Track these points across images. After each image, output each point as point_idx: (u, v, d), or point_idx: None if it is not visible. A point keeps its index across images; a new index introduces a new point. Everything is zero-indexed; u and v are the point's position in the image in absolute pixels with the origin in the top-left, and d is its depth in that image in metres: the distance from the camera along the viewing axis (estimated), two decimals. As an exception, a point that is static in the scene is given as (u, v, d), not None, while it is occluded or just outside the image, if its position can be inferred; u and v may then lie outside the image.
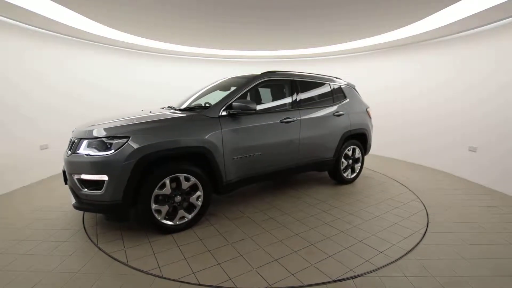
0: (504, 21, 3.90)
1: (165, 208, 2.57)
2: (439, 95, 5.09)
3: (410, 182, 4.31)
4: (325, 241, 2.54)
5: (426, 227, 2.83)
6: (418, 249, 2.43)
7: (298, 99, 3.54)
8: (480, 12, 3.60)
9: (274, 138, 3.24)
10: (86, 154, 2.43)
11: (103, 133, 2.46)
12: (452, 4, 3.44)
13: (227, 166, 2.88)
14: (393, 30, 4.77)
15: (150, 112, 3.05)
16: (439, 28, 4.40)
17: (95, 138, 2.47)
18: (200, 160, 2.75)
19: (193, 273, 2.08)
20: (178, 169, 2.58)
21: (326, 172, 4.34)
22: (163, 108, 3.45)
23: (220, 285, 1.95)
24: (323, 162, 3.84)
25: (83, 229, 2.75)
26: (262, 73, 3.37)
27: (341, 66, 6.78)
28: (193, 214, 2.74)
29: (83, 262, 2.19)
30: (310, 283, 1.97)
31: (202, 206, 2.78)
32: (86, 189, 2.45)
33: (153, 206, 2.51)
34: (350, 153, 4.12)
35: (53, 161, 4.63)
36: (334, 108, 3.89)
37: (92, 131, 2.54)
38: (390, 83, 6.05)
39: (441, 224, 2.90)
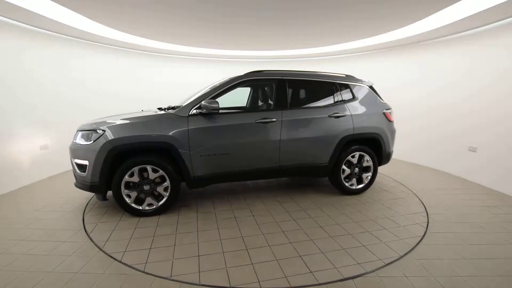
0: (503, 21, 3.90)
1: (133, 194, 2.95)
2: (439, 95, 5.09)
3: (410, 182, 4.30)
4: (263, 249, 2.41)
5: (426, 227, 2.83)
6: (418, 249, 2.43)
7: (284, 99, 3.38)
8: (479, 12, 3.60)
9: (247, 138, 3.21)
10: (78, 143, 2.98)
11: (88, 127, 3.00)
12: (452, 4, 3.44)
13: (194, 162, 3.05)
14: (392, 30, 4.77)
15: (142, 110, 3.47)
16: (439, 28, 4.39)
17: (84, 130, 3.00)
18: (167, 154, 3.01)
19: (124, 251, 2.36)
20: (146, 161, 2.92)
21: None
22: (159, 108, 3.52)
23: (217, 284, 1.95)
24: (315, 167, 3.52)
25: (83, 229, 2.75)
26: (245, 73, 3.39)
27: (342, 66, 6.78)
28: (161, 202, 3.04)
29: (83, 262, 2.20)
30: (219, 284, 1.97)
31: (170, 196, 3.04)
32: (78, 171, 2.97)
33: (124, 190, 2.90)
34: (355, 160, 3.63)
35: (53, 161, 4.64)
36: (331, 109, 3.52)
37: (84, 125, 3.12)
38: (390, 83, 6.04)
39: (441, 224, 2.90)
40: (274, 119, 3.26)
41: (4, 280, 1.97)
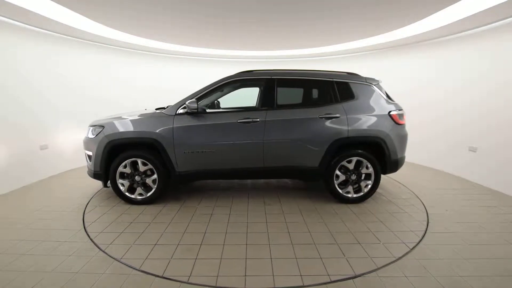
0: (503, 21, 3.89)
1: (126, 183, 3.30)
2: (438, 95, 5.09)
3: (410, 182, 4.30)
4: (215, 246, 2.45)
5: (426, 227, 2.83)
6: (418, 249, 2.43)
7: (270, 99, 3.32)
8: (478, 12, 3.60)
9: (230, 137, 3.24)
10: (87, 137, 3.43)
11: (95, 123, 3.47)
12: (453, 3, 3.44)
13: (179, 159, 3.24)
14: (393, 30, 4.77)
15: (145, 110, 3.71)
16: (439, 28, 4.39)
17: (92, 126, 3.44)
18: (155, 149, 3.26)
19: (100, 232, 2.71)
20: (136, 155, 3.23)
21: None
22: (158, 108, 3.66)
23: (218, 285, 1.95)
24: (303, 170, 3.35)
25: (83, 229, 2.76)
26: (236, 73, 3.43)
27: (341, 66, 6.77)
28: (149, 193, 3.33)
29: (83, 262, 2.20)
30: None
31: (157, 188, 3.31)
32: (88, 161, 3.45)
33: (118, 180, 3.28)
34: (351, 166, 3.33)
35: (53, 161, 4.64)
36: (322, 109, 3.29)
37: (93, 121, 3.56)
38: (390, 83, 6.04)
39: (441, 224, 2.90)
40: (257, 119, 3.23)
41: (4, 280, 1.97)
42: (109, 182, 3.33)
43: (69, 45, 4.93)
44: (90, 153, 3.33)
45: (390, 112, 3.36)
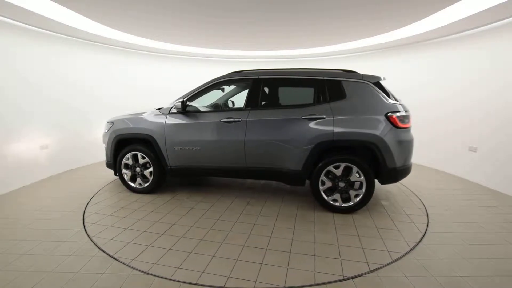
0: (503, 21, 3.89)
1: (129, 173, 3.72)
2: (438, 95, 5.09)
3: (411, 183, 4.29)
4: (173, 237, 2.59)
5: (426, 227, 2.83)
6: (418, 249, 2.43)
7: (254, 99, 3.28)
8: (477, 13, 3.60)
9: (214, 136, 3.34)
10: (104, 131, 3.92)
11: (108, 120, 3.92)
12: (452, 3, 3.43)
13: (169, 154, 3.50)
14: (393, 30, 4.76)
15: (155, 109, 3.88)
16: (439, 28, 4.39)
17: (108, 122, 3.90)
18: (150, 145, 3.57)
19: (93, 213, 3.11)
20: (137, 149, 3.61)
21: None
22: (158, 108, 3.80)
23: (218, 285, 1.95)
24: (286, 173, 3.19)
25: (83, 229, 2.76)
26: (226, 74, 3.51)
27: (341, 66, 6.76)
28: (146, 184, 3.69)
29: (83, 262, 2.20)
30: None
31: (153, 179, 3.64)
32: (105, 152, 3.89)
33: (123, 170, 3.72)
34: (338, 172, 3.01)
35: (53, 161, 4.64)
36: (307, 110, 3.09)
37: (109, 118, 3.98)
38: (390, 83, 6.03)
39: (441, 224, 2.90)
40: (239, 119, 3.23)
41: (4, 280, 1.97)
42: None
43: (69, 45, 4.93)
44: (104, 146, 3.86)
45: (387, 113, 2.95)
